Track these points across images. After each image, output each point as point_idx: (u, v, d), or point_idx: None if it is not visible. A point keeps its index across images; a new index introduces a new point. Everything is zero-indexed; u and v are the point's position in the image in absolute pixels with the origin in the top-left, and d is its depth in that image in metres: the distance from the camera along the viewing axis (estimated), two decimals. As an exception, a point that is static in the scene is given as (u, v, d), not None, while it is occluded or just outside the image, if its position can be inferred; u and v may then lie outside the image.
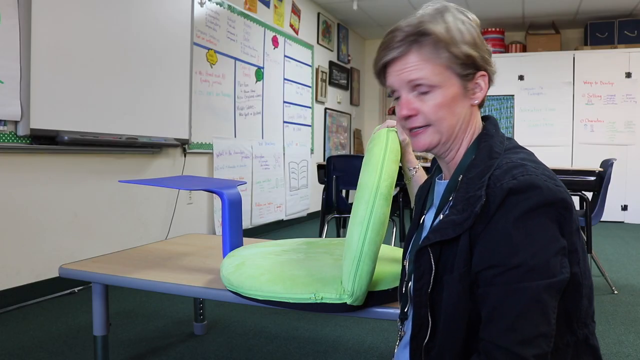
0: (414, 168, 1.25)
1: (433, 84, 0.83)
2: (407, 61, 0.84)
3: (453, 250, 0.79)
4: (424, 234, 0.93)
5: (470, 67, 0.85)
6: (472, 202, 0.77)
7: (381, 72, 0.90)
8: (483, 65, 0.86)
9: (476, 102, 0.87)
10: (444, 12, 0.85)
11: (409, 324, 0.91)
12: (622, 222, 5.93)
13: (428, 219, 0.94)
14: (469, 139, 0.89)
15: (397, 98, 0.88)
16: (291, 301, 1.20)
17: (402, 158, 1.21)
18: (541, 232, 0.72)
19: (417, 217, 1.01)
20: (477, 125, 0.90)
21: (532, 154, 0.84)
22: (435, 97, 0.83)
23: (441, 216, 0.86)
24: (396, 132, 1.19)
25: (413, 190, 1.25)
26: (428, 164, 1.14)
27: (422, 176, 1.24)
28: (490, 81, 0.88)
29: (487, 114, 0.93)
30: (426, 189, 1.02)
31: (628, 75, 5.85)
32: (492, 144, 0.84)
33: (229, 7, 4.21)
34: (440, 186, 0.92)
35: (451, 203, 0.84)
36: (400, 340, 0.97)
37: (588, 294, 0.81)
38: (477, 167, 0.82)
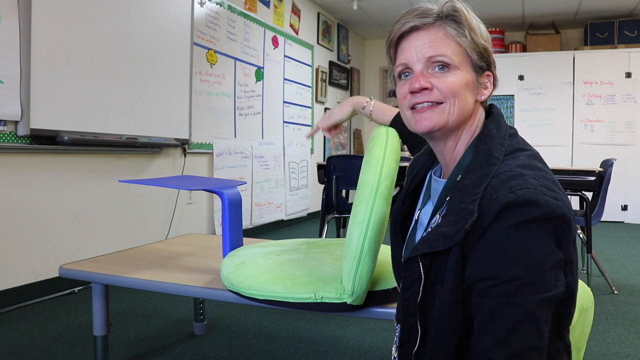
0: (365, 104, 1.29)
1: (453, 63, 0.82)
2: (432, 35, 0.84)
3: (444, 261, 0.78)
4: (420, 231, 0.92)
5: (484, 61, 0.85)
6: (464, 215, 0.75)
7: (396, 43, 0.88)
8: (492, 65, 0.87)
9: (482, 98, 0.87)
10: (463, 6, 0.86)
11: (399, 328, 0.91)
12: (622, 222, 5.93)
13: (425, 214, 0.93)
14: (469, 136, 0.86)
15: (405, 75, 0.87)
16: (291, 301, 1.20)
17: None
18: (537, 245, 0.71)
19: (408, 202, 1.00)
20: (479, 123, 0.88)
21: (533, 157, 0.82)
22: (454, 75, 0.83)
23: (438, 217, 0.84)
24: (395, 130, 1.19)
25: (380, 119, 1.28)
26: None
27: (380, 106, 1.28)
28: (494, 85, 0.88)
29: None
30: (419, 172, 1.00)
31: (628, 75, 5.85)
32: (492, 147, 0.81)
33: (229, 7, 4.21)
34: (438, 184, 0.90)
35: (445, 209, 0.82)
36: (395, 338, 0.97)
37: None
38: (474, 173, 0.79)
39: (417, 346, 0.82)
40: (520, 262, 0.70)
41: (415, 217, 0.96)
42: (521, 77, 6.21)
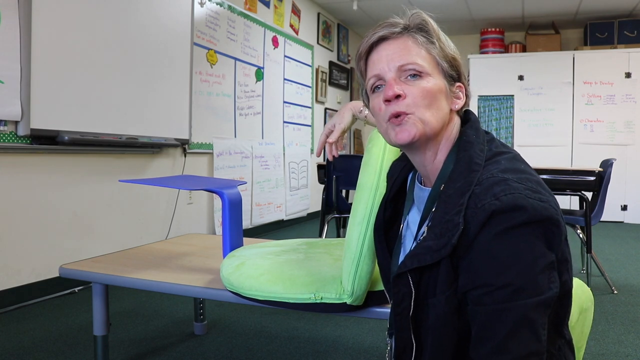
0: (362, 108, 1.24)
1: (425, 71, 0.82)
2: (401, 44, 0.84)
3: (434, 274, 0.78)
4: (409, 237, 0.92)
5: (454, 70, 0.86)
6: (449, 228, 0.74)
7: (366, 54, 0.88)
8: (462, 76, 0.87)
9: (456, 107, 0.86)
10: (431, 18, 0.87)
11: (393, 342, 0.91)
12: (622, 222, 5.93)
13: (412, 220, 0.92)
14: (448, 144, 0.85)
15: (377, 88, 0.86)
16: (291, 301, 1.20)
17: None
18: (526, 249, 0.70)
19: (390, 209, 0.99)
20: (456, 132, 0.87)
21: (514, 159, 0.81)
22: (426, 82, 0.82)
23: (425, 228, 0.84)
24: None
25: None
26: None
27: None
28: (467, 96, 0.88)
29: (486, 114, 0.92)
30: (398, 178, 0.98)
31: (628, 75, 5.86)
32: (472, 153, 0.80)
33: (229, 7, 4.22)
34: (423, 192, 0.89)
35: (430, 220, 0.82)
36: (388, 353, 0.96)
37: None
38: (456, 182, 0.78)
39: (412, 359, 0.82)
40: (511, 268, 0.70)
41: (403, 223, 0.95)
42: (521, 77, 6.21)
